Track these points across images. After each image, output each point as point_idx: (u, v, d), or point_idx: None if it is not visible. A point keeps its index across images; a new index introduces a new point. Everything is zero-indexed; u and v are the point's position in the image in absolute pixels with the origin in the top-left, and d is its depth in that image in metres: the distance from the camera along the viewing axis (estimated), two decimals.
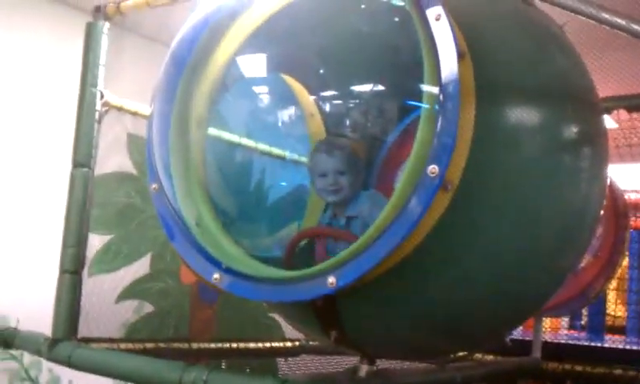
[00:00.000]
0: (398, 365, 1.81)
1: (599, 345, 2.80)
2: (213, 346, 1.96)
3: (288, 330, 3.36)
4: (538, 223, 1.18)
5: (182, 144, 1.30)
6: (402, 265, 1.11)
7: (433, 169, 1.01)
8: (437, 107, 1.01)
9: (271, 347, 2.20)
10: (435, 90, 1.02)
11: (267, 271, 1.19)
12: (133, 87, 1.90)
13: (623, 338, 3.43)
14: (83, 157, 1.65)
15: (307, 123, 1.84)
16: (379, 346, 1.33)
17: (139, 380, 1.39)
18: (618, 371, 2.26)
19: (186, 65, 1.35)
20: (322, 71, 1.75)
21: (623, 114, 2.45)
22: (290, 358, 2.32)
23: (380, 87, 1.61)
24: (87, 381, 2.37)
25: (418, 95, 1.10)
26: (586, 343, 2.82)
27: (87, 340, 1.65)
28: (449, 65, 1.02)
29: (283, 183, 1.85)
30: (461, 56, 1.06)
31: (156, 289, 2.68)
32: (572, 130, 1.22)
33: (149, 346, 1.79)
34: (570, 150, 1.22)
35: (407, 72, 1.31)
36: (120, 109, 1.79)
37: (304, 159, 1.84)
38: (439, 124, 1.01)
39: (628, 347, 2.68)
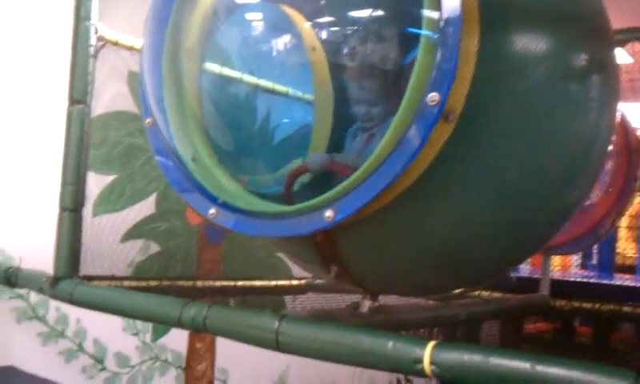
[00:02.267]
0: (401, 301, 1.80)
1: (609, 282, 2.78)
2: (218, 284, 1.96)
3: (295, 269, 3.38)
4: (543, 154, 1.13)
5: (174, 77, 1.26)
6: (402, 197, 1.07)
7: (433, 97, 0.96)
8: (437, 33, 0.96)
9: (277, 285, 2.20)
10: (435, 14, 0.97)
11: (264, 206, 1.17)
12: (129, 21, 1.85)
13: (633, 276, 3.41)
14: (79, 93, 1.61)
15: (309, 57, 1.79)
16: (380, 281, 1.31)
17: (139, 316, 1.39)
18: (628, 308, 2.25)
19: None
20: (323, 1, 1.69)
21: (638, 46, 2.37)
22: (296, 296, 2.32)
23: (383, 14, 1.55)
24: (95, 318, 2.40)
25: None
26: (595, 281, 2.80)
27: (89, 278, 1.65)
28: None
29: (285, 119, 1.81)
30: None
31: (162, 229, 2.67)
32: (581, 58, 1.16)
33: (152, 284, 1.78)
34: (578, 79, 1.17)
35: None
36: (116, 43, 1.74)
37: (306, 95, 1.79)
38: (439, 51, 0.96)
39: (638, 285, 2.66)
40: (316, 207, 1.06)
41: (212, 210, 1.17)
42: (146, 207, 2.67)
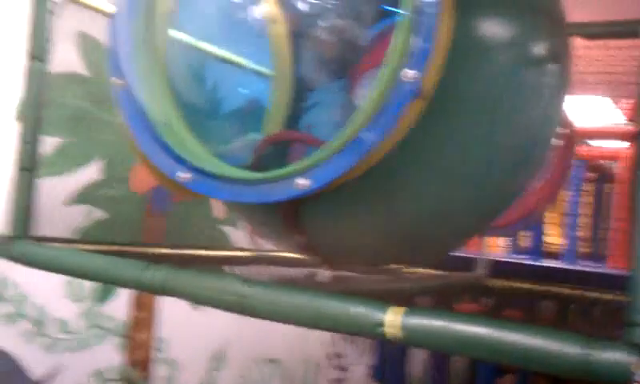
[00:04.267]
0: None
1: (539, 264, 2.93)
2: (166, 251, 1.95)
3: (236, 241, 3.40)
4: (505, 135, 1.20)
5: (148, 40, 1.26)
6: (369, 172, 1.11)
7: (409, 74, 1.01)
8: (415, 12, 1.01)
9: (226, 256, 2.21)
10: None
11: (237, 172, 1.19)
12: None
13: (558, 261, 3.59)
14: (38, 49, 1.57)
15: (269, 30, 1.80)
16: (339, 252, 1.36)
17: (98, 277, 1.38)
18: (556, 289, 2.39)
19: None
20: None
21: (578, 42, 2.49)
22: (243, 267, 2.34)
23: None
24: (33, 281, 2.36)
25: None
26: (528, 262, 2.95)
27: (42, 239, 1.62)
28: None
29: (243, 90, 1.82)
30: None
31: (108, 195, 2.63)
32: (541, 46, 1.24)
33: (103, 248, 1.77)
34: (538, 66, 1.24)
35: None
36: (75, 1, 1.71)
37: (263, 69, 1.81)
38: (418, 30, 1.00)
39: (565, 267, 2.82)
40: (290, 175, 1.09)
41: (184, 175, 1.19)
42: (91, 172, 2.63)
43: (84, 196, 2.57)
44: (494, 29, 1.17)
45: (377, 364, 3.45)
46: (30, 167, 1.60)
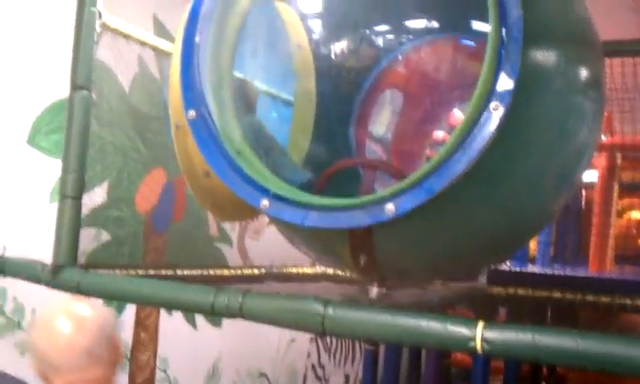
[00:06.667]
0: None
1: (529, 271, 3.05)
2: (195, 272, 1.98)
3: (231, 259, 3.42)
4: (559, 157, 1.29)
5: (227, 73, 1.31)
6: (439, 196, 1.18)
7: (495, 106, 1.09)
8: (502, 48, 1.09)
9: (243, 274, 2.25)
10: (502, 31, 1.09)
11: (316, 199, 1.24)
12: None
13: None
14: (83, 79, 1.59)
15: (294, 57, 1.86)
16: (402, 270, 1.42)
17: (168, 304, 1.41)
18: (557, 295, 2.50)
19: None
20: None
21: None
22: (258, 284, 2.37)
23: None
24: (34, 297, 2.33)
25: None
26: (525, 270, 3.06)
27: (88, 266, 1.63)
28: (514, 8, 1.09)
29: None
30: None
31: (113, 217, 2.63)
32: (587, 72, 1.33)
33: (140, 272, 1.79)
34: (584, 90, 1.33)
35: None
36: (115, 31, 1.73)
37: (285, 96, 1.86)
38: (504, 65, 1.08)
39: (562, 273, 2.95)
40: (377, 201, 1.15)
41: (264, 202, 1.23)
42: (99, 195, 2.62)
43: (92, 218, 2.55)
44: (546, 58, 1.26)
45: (367, 375, 3.50)
46: (74, 195, 1.61)
